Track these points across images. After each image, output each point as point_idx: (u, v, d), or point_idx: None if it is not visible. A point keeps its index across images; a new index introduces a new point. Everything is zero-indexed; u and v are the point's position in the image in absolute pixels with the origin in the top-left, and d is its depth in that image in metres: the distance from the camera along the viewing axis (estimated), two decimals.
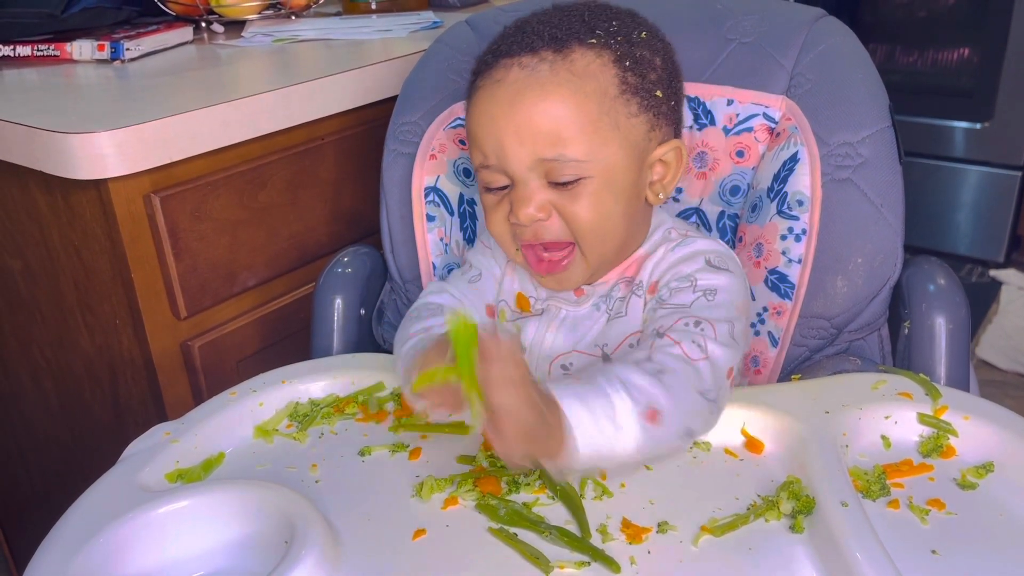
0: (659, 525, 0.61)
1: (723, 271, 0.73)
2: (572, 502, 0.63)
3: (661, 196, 0.76)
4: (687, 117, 0.89)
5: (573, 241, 0.73)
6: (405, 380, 0.68)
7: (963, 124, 2.30)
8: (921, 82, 2.34)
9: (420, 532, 0.61)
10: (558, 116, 0.69)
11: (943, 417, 0.69)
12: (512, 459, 0.57)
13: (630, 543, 0.60)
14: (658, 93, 0.73)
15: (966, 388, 0.78)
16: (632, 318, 0.76)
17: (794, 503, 0.61)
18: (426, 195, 0.91)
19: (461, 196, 0.93)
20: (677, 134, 0.78)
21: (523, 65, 0.70)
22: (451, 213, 0.92)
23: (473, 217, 0.93)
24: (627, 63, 0.71)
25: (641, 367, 0.63)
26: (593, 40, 0.71)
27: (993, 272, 2.33)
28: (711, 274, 0.72)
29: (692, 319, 0.68)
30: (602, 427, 0.59)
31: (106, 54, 1.14)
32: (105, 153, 0.85)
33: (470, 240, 0.93)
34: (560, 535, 0.60)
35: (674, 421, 0.61)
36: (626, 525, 0.61)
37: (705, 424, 0.65)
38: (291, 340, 1.09)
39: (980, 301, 2.20)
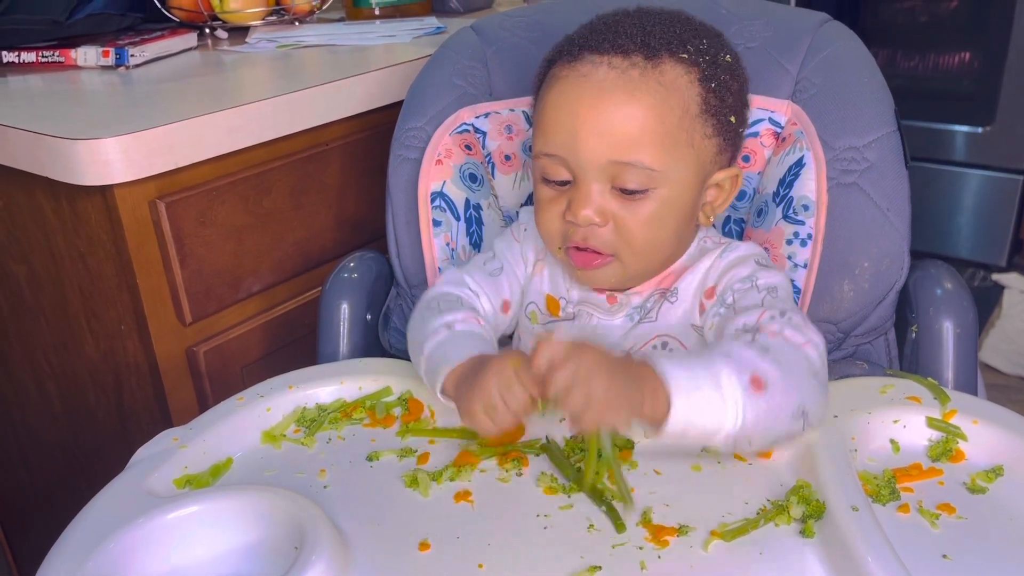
0: (680, 527, 0.61)
1: (773, 269, 0.76)
2: (604, 501, 0.64)
3: (711, 219, 0.77)
4: None
5: (614, 254, 0.74)
6: (432, 378, 0.70)
7: (965, 128, 2.31)
8: (923, 86, 2.35)
9: (425, 545, 0.61)
10: (641, 122, 0.69)
11: (952, 421, 0.69)
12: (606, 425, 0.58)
13: (651, 542, 0.60)
14: (732, 118, 0.73)
15: (974, 392, 0.78)
16: (661, 322, 0.77)
17: (804, 507, 0.61)
18: (432, 200, 0.91)
19: (467, 201, 0.92)
20: (735, 160, 0.79)
21: (613, 65, 0.70)
22: (457, 218, 0.92)
23: (479, 222, 0.93)
24: (712, 84, 0.72)
25: (746, 344, 0.63)
26: (684, 55, 0.71)
27: (995, 276, 2.33)
28: (766, 273, 0.74)
29: (776, 311, 0.68)
30: (704, 392, 0.59)
31: (111, 60, 1.14)
32: (110, 159, 0.85)
33: (476, 245, 0.93)
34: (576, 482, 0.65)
35: (784, 395, 0.61)
36: (646, 522, 0.62)
37: (820, 407, 0.64)
38: (296, 345, 1.09)
39: (983, 305, 2.20)
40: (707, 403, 0.59)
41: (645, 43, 0.71)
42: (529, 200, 0.95)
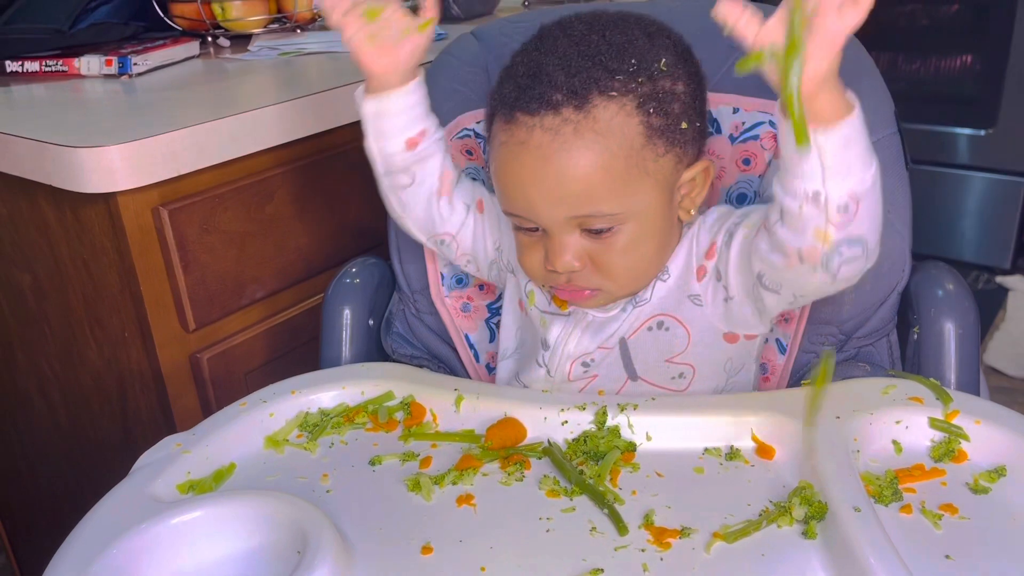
0: (682, 529, 0.61)
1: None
2: (604, 501, 0.64)
3: (692, 212, 0.77)
4: None
5: (599, 288, 0.74)
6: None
7: (967, 131, 2.31)
8: (924, 90, 2.35)
9: (428, 549, 0.61)
10: (587, 178, 0.68)
11: (954, 421, 0.69)
12: (820, 71, 0.58)
13: (653, 544, 0.60)
14: (683, 125, 0.71)
15: (977, 392, 0.78)
16: (655, 302, 0.77)
17: (807, 508, 0.61)
18: None
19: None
20: (703, 150, 0.77)
21: (546, 127, 0.68)
22: None
23: None
24: (651, 107, 0.69)
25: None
26: (614, 91, 0.68)
27: (999, 278, 2.33)
28: (746, 208, 0.77)
29: None
30: (865, 134, 0.62)
31: (114, 69, 1.15)
32: (114, 167, 0.86)
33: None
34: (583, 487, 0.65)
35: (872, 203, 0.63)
36: (648, 524, 0.62)
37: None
38: (299, 351, 1.09)
39: (987, 308, 2.20)
40: (864, 139, 0.62)
41: (572, 90, 0.68)
42: None
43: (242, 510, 0.62)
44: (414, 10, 0.77)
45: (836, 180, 0.61)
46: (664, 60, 0.71)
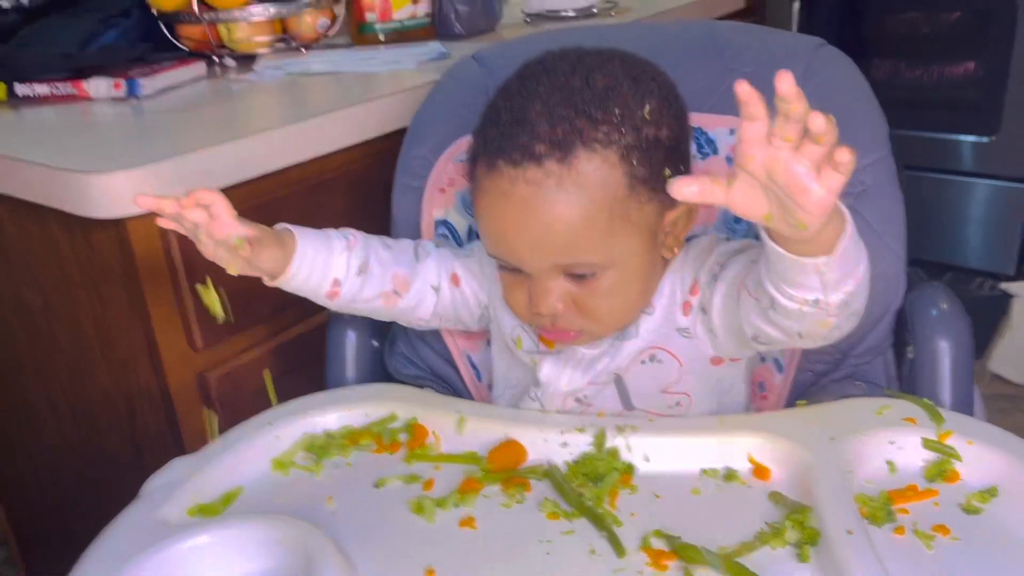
0: (679, 548, 0.62)
1: (732, 240, 0.78)
2: (603, 524, 0.65)
3: (676, 250, 0.76)
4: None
5: (582, 329, 0.75)
6: None
7: (970, 138, 2.31)
8: (927, 96, 2.35)
9: (431, 571, 0.62)
10: (571, 230, 0.68)
11: (947, 442, 0.70)
12: (824, 207, 0.55)
13: (650, 566, 0.61)
14: (667, 172, 0.70)
15: (971, 412, 0.79)
16: (643, 336, 0.78)
17: (799, 533, 0.62)
18: (436, 228, 0.93)
19: (470, 228, 0.94)
20: None
21: (528, 180, 0.68)
22: (460, 245, 0.94)
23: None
24: (635, 157, 0.68)
25: None
26: (597, 144, 0.67)
27: (1004, 285, 2.33)
28: (734, 242, 0.76)
29: None
30: (856, 234, 0.61)
31: (122, 92, 1.17)
32: (123, 193, 0.88)
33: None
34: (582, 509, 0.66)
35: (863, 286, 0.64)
36: (646, 546, 0.63)
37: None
38: (304, 369, 1.10)
39: (991, 315, 2.20)
40: (858, 250, 0.62)
41: (554, 142, 0.67)
42: None
43: (249, 534, 0.63)
44: None
45: (835, 288, 0.61)
46: (648, 107, 0.69)
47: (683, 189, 0.57)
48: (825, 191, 0.54)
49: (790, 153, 0.53)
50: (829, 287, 0.61)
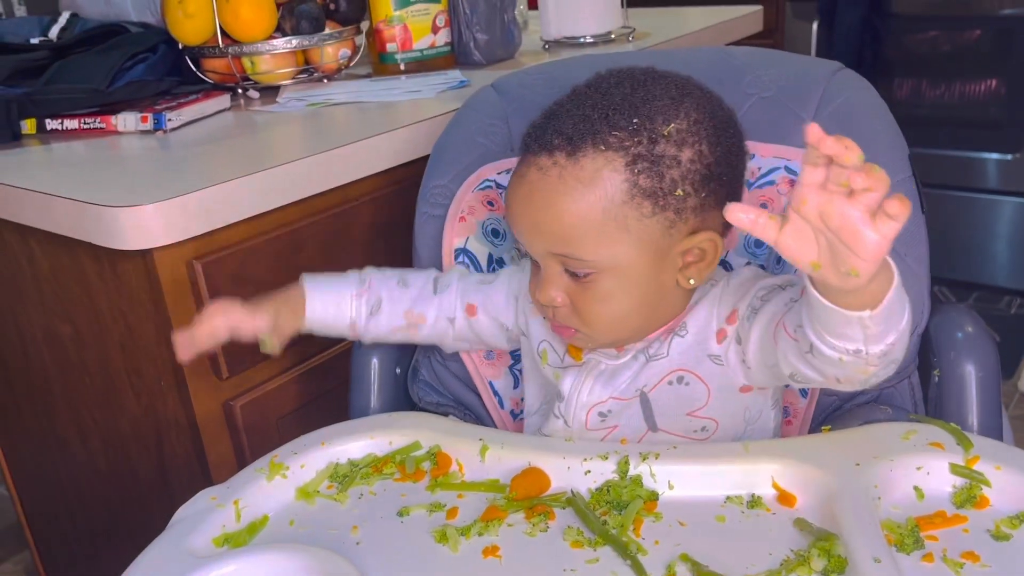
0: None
1: (775, 274, 0.78)
2: (627, 552, 0.65)
3: (692, 282, 0.76)
4: None
5: (577, 329, 0.77)
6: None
7: (994, 155, 2.30)
8: (950, 115, 2.34)
9: None
10: (563, 221, 0.71)
11: (975, 467, 0.70)
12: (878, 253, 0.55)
13: None
14: (679, 192, 0.71)
15: (999, 436, 0.79)
16: (673, 358, 0.78)
17: (825, 562, 0.62)
18: (456, 256, 0.94)
19: (490, 256, 0.95)
20: (707, 223, 0.74)
21: (539, 167, 0.73)
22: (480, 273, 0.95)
23: None
24: (641, 166, 0.70)
25: None
26: (603, 145, 0.70)
27: None
28: (778, 278, 0.76)
29: None
30: (901, 287, 0.60)
31: (149, 125, 1.19)
32: (151, 225, 0.89)
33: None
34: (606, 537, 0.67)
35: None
36: (671, 574, 0.63)
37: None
38: (329, 396, 1.11)
39: (1021, 333, 2.17)
40: (901, 302, 0.61)
41: (569, 137, 0.71)
42: None
43: (276, 564, 0.64)
44: None
45: (877, 340, 0.61)
46: (674, 125, 0.71)
47: (737, 215, 0.57)
48: (880, 236, 0.54)
49: (844, 198, 0.54)
50: (871, 339, 0.61)
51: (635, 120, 0.71)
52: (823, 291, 0.60)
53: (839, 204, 0.54)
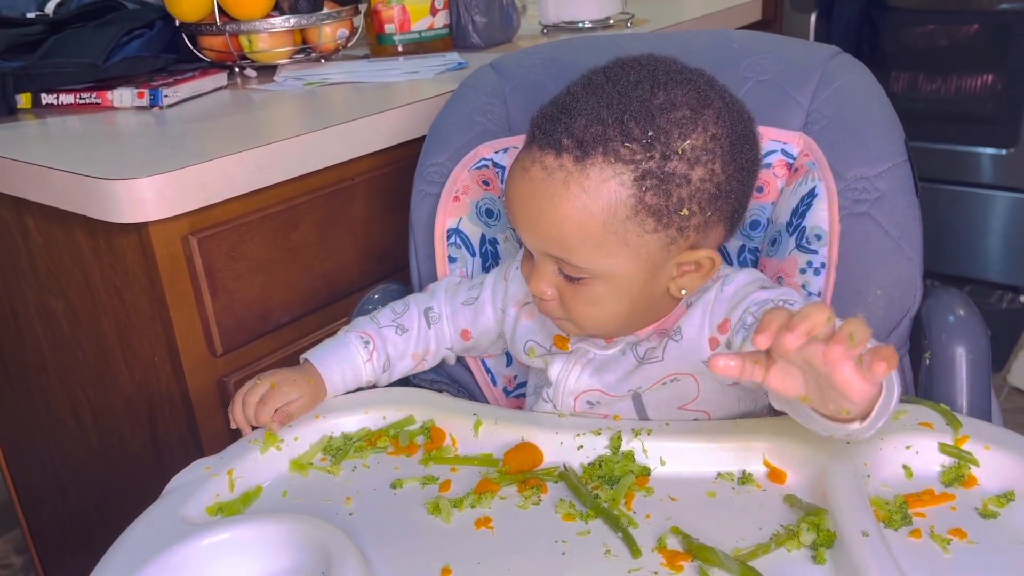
0: (694, 548, 0.62)
1: (776, 287, 0.76)
2: (619, 524, 0.66)
3: (684, 292, 0.75)
4: None
5: (566, 320, 0.77)
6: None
7: (989, 150, 2.30)
8: (945, 109, 2.35)
9: (447, 571, 0.63)
10: (562, 227, 0.70)
11: (964, 447, 0.70)
12: (867, 396, 0.55)
13: (666, 567, 0.61)
14: (685, 211, 0.69)
15: (988, 418, 0.79)
16: (668, 362, 0.77)
17: (815, 535, 0.62)
18: (448, 237, 0.94)
19: (483, 236, 0.95)
20: (708, 241, 0.74)
21: (544, 166, 0.70)
22: (472, 254, 0.95)
23: (495, 256, 0.96)
24: (649, 183, 0.68)
25: None
26: (613, 156, 0.67)
27: None
28: (777, 290, 0.74)
29: None
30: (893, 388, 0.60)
31: (145, 101, 1.19)
32: (146, 198, 0.89)
33: None
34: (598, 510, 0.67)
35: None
36: (662, 547, 0.63)
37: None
38: None
39: (1012, 327, 2.18)
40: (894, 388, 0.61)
41: (580, 140, 0.68)
42: None
43: (269, 532, 0.64)
44: None
45: (867, 432, 0.61)
46: (689, 142, 0.68)
47: (722, 363, 0.57)
48: (869, 384, 0.54)
49: (830, 347, 0.53)
50: (861, 432, 0.61)
51: (650, 133, 0.68)
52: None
53: (824, 353, 0.53)
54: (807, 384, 0.57)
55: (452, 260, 0.94)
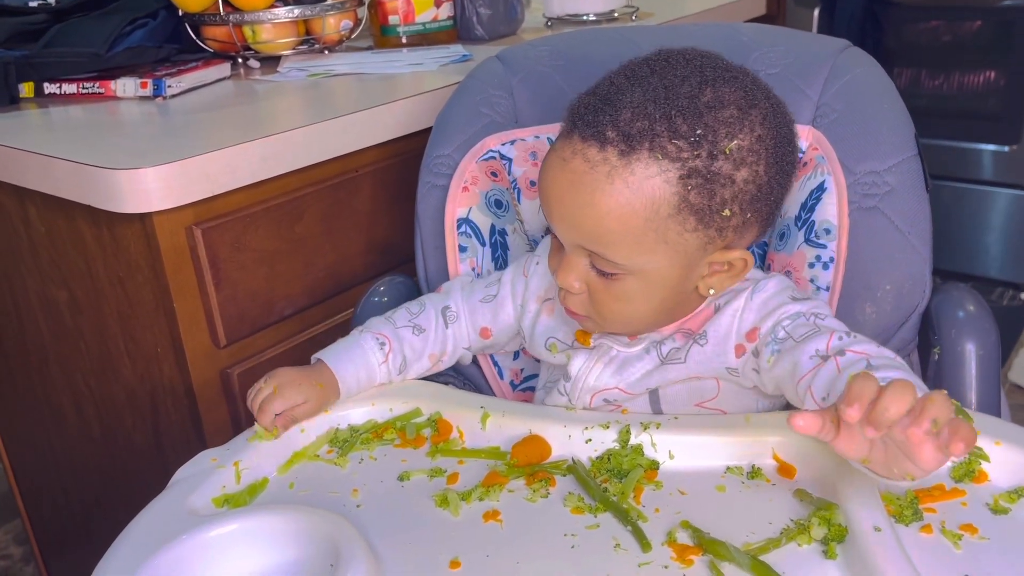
0: (704, 542, 0.62)
1: (808, 299, 0.75)
2: (628, 518, 0.65)
3: (712, 292, 0.75)
4: None
5: (588, 316, 0.76)
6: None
7: (991, 147, 2.30)
8: (948, 106, 2.35)
9: (456, 563, 0.62)
10: (603, 221, 0.68)
11: None
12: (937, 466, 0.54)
13: (676, 561, 0.61)
14: (726, 212, 0.68)
15: (997, 413, 0.79)
16: (691, 365, 0.76)
17: (825, 530, 0.62)
18: (458, 227, 0.94)
19: (492, 227, 0.95)
20: (744, 241, 0.74)
21: (587, 158, 0.68)
22: (483, 244, 0.94)
23: (504, 247, 0.95)
24: (694, 182, 0.67)
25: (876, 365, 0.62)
26: (660, 153, 0.66)
27: None
28: (807, 304, 0.73)
29: (839, 333, 0.68)
30: None
31: (148, 91, 1.18)
32: (149, 188, 0.88)
33: (501, 270, 0.95)
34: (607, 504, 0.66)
35: None
36: (671, 541, 0.63)
37: None
38: None
39: (1012, 324, 2.18)
40: None
41: (626, 134, 0.66)
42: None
43: (276, 524, 0.64)
44: None
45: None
46: (736, 143, 0.68)
47: (802, 422, 0.56)
48: (944, 456, 0.53)
49: (912, 427, 0.52)
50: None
51: (698, 131, 0.66)
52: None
53: (908, 433, 0.52)
54: (873, 449, 0.57)
55: (463, 250, 0.94)
